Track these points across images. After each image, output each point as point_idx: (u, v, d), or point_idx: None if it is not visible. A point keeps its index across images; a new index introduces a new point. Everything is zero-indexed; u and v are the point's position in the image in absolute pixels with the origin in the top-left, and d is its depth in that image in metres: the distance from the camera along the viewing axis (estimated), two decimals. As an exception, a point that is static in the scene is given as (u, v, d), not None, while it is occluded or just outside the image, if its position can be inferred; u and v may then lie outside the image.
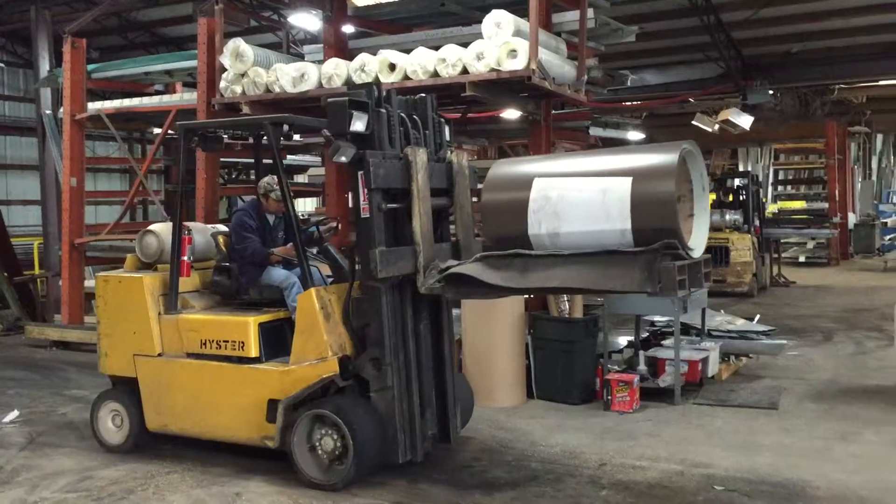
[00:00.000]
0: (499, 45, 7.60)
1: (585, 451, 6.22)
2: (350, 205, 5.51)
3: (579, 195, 5.01)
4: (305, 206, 23.55)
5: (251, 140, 7.35)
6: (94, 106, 11.20)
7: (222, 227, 6.98)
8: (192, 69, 10.34)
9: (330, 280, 6.12)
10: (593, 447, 6.31)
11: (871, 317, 12.31)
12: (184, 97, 10.86)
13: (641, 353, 8.12)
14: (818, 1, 12.35)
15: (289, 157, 13.93)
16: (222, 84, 9.09)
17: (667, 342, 8.51)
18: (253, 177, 15.41)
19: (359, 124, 5.34)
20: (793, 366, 9.19)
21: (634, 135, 19.81)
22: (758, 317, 10.83)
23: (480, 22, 7.83)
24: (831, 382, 8.42)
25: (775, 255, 17.10)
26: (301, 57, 9.77)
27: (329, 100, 5.47)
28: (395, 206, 5.53)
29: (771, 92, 14.75)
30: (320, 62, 8.79)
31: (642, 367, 7.89)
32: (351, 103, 5.34)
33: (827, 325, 11.80)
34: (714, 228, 13.25)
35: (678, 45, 14.24)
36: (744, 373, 8.81)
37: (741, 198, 15.76)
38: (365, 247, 5.42)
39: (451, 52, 7.87)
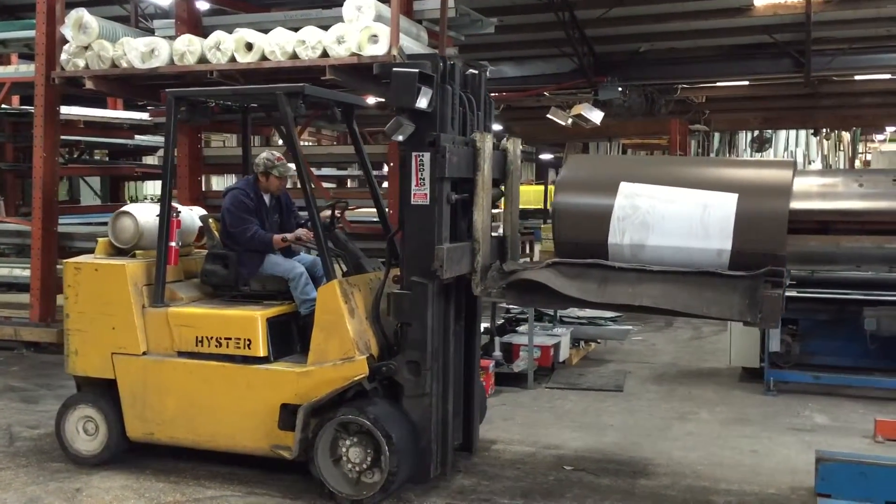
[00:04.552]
0: (360, 29, 7.53)
1: (442, 435, 6.29)
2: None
3: (675, 208, 4.62)
4: (154, 188, 22.57)
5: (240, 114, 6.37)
6: (-85, 76, 10.26)
7: (200, 210, 6.29)
8: (29, 40, 9.64)
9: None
10: (449, 432, 6.39)
11: (707, 304, 13.10)
12: (20, 69, 10.24)
13: (497, 339, 8.30)
14: (663, 3, 12.93)
15: (137, 137, 13.28)
16: (63, 57, 8.56)
17: (521, 328, 8.77)
18: (106, 158, 14.67)
19: (423, 100, 4.78)
20: (637, 350, 9.69)
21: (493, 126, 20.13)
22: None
23: (341, 5, 7.73)
24: (671, 365, 8.94)
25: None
26: (151, 32, 9.31)
27: (395, 69, 4.80)
28: (459, 197, 5.00)
29: (620, 89, 15.28)
30: (172, 38, 8.41)
31: (498, 352, 8.07)
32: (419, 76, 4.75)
33: (668, 312, 12.47)
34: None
35: (535, 39, 14.52)
36: (592, 357, 9.21)
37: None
38: (417, 239, 4.91)
39: (311, 34, 7.73)
